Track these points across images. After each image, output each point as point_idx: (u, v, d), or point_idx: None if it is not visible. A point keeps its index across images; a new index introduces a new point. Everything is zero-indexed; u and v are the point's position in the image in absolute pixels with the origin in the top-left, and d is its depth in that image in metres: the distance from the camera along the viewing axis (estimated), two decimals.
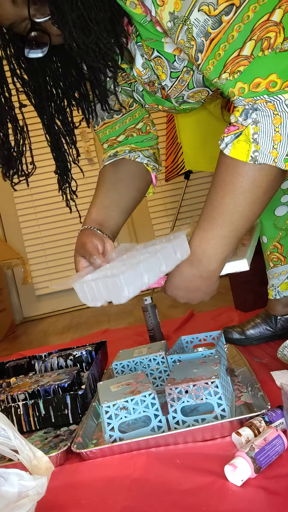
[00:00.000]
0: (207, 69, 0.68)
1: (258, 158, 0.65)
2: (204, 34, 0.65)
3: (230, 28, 0.62)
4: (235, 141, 0.66)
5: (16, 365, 1.26)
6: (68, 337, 2.09)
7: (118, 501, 0.60)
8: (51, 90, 0.87)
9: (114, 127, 0.99)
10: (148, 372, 0.96)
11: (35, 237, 3.10)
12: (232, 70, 0.64)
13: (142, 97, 0.92)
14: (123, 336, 1.68)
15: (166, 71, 0.82)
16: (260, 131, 0.64)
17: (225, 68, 0.65)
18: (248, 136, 0.65)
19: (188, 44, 0.68)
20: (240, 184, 0.68)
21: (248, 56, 0.62)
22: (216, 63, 0.66)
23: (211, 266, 0.76)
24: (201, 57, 0.67)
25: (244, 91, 0.64)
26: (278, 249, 1.11)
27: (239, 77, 0.64)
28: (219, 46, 0.64)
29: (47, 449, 0.81)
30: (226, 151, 0.68)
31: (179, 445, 0.71)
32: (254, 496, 0.55)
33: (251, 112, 0.64)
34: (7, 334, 2.57)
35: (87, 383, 0.95)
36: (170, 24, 0.68)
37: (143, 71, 0.84)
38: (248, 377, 0.87)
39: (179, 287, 0.80)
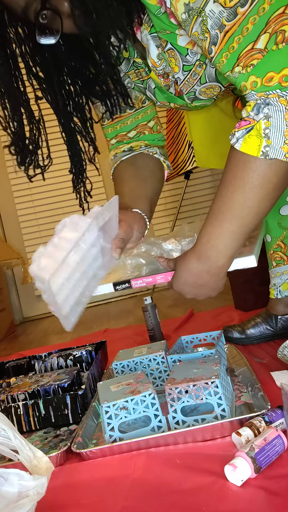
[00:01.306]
0: (220, 62, 0.67)
1: (269, 153, 0.64)
2: (219, 26, 0.64)
3: (245, 21, 0.62)
4: (246, 136, 0.66)
5: (16, 365, 1.26)
6: (68, 337, 2.08)
7: (118, 501, 0.60)
8: (68, 87, 0.86)
9: (126, 122, 0.98)
10: (148, 372, 0.96)
11: (35, 237, 3.10)
12: (245, 64, 0.63)
13: (154, 94, 0.92)
14: (123, 336, 1.68)
15: (179, 64, 0.81)
16: (271, 126, 0.64)
17: (238, 62, 0.64)
18: (260, 131, 0.64)
19: (202, 37, 0.67)
20: (251, 179, 0.67)
21: (262, 49, 0.61)
22: (230, 56, 0.65)
23: (219, 262, 0.76)
24: (214, 50, 0.67)
25: (257, 85, 0.63)
26: (281, 248, 1.11)
27: (252, 71, 0.63)
28: (233, 39, 0.64)
29: (47, 449, 0.81)
30: (237, 146, 0.67)
31: (179, 445, 0.71)
32: (254, 496, 0.55)
33: (263, 106, 0.64)
34: (7, 334, 2.57)
35: (87, 383, 0.95)
36: (185, 16, 0.67)
37: (158, 62, 0.83)
38: (248, 377, 0.87)
39: (186, 282, 0.80)
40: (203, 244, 0.76)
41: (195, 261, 0.77)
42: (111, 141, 1.01)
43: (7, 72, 0.78)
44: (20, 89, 0.81)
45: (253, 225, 0.73)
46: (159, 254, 0.92)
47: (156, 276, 0.84)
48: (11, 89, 0.79)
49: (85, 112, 0.89)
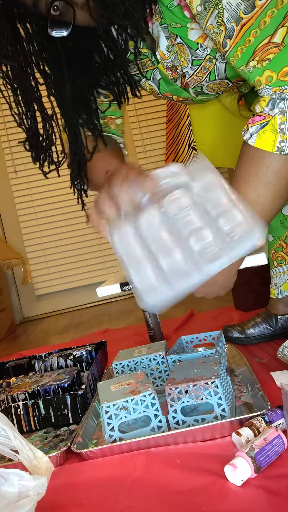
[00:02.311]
0: (235, 56, 0.66)
1: (285, 148, 0.63)
2: (236, 19, 0.63)
3: (263, 14, 0.61)
4: (260, 131, 0.65)
5: (16, 365, 1.26)
6: (68, 337, 2.08)
7: (118, 501, 0.60)
8: (75, 79, 0.85)
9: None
10: (148, 372, 0.96)
11: (35, 237, 3.10)
12: (261, 58, 0.62)
13: (158, 85, 0.91)
14: (123, 336, 1.68)
15: (188, 58, 0.81)
16: (287, 121, 0.63)
17: (254, 56, 0.63)
18: (275, 126, 0.63)
19: (217, 30, 0.66)
20: (264, 175, 0.66)
21: (279, 43, 0.60)
22: (245, 50, 0.64)
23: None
24: (229, 43, 0.66)
25: (272, 79, 0.62)
26: (283, 248, 1.11)
27: (267, 65, 0.62)
28: (249, 32, 0.63)
29: (47, 449, 0.81)
30: (251, 141, 0.66)
31: (179, 445, 0.71)
32: (254, 496, 0.55)
33: (279, 101, 0.63)
34: (7, 334, 2.57)
35: (87, 383, 0.95)
36: (200, 8, 0.66)
37: (167, 54, 0.82)
38: (248, 377, 0.87)
39: None
40: None
41: None
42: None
43: (20, 68, 0.77)
44: (32, 85, 0.80)
45: (266, 222, 0.72)
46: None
47: None
48: (25, 85, 0.79)
49: (91, 104, 0.89)
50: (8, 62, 0.75)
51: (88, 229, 3.09)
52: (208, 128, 1.11)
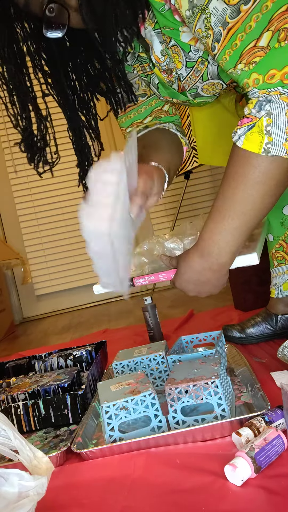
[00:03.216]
0: (223, 59, 0.67)
1: (271, 150, 0.65)
2: (222, 23, 0.65)
3: (248, 18, 0.62)
4: (248, 133, 0.66)
5: (16, 365, 1.26)
6: (68, 337, 2.08)
7: (118, 501, 0.60)
8: (73, 83, 0.87)
9: (139, 110, 0.98)
10: (148, 372, 0.96)
11: (35, 237, 3.10)
12: (248, 61, 0.64)
13: (157, 89, 0.92)
14: (123, 336, 1.68)
15: (182, 60, 0.81)
16: (273, 123, 0.64)
17: (241, 59, 0.64)
18: (261, 128, 0.65)
19: (206, 34, 0.68)
20: (253, 176, 0.68)
21: (264, 47, 0.62)
22: (232, 53, 0.65)
23: (221, 259, 0.76)
24: (217, 47, 0.67)
25: (259, 82, 0.63)
26: (283, 247, 1.11)
27: (254, 68, 0.63)
28: (236, 36, 0.64)
29: (47, 449, 0.81)
30: (239, 143, 0.67)
31: (179, 445, 0.71)
32: (254, 496, 0.55)
33: (265, 104, 0.64)
34: (7, 334, 2.57)
35: (87, 383, 0.95)
36: (189, 13, 0.68)
37: (161, 58, 0.83)
38: (248, 377, 0.87)
39: (189, 280, 0.80)
40: (205, 241, 0.76)
41: (197, 258, 0.77)
42: (126, 130, 1.00)
43: (16, 69, 0.78)
44: (28, 86, 0.81)
45: (255, 222, 0.73)
46: (161, 253, 0.92)
47: (159, 274, 0.84)
48: (20, 86, 0.80)
49: (90, 109, 0.90)
50: (4, 64, 0.77)
51: None
52: (207, 128, 1.11)
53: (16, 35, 0.77)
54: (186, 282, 0.81)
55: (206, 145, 1.13)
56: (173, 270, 0.83)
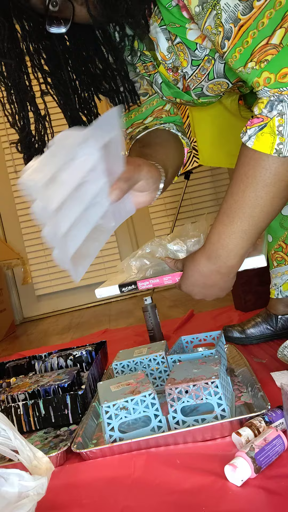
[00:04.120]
0: (233, 57, 0.66)
1: (283, 150, 0.63)
2: (233, 20, 0.63)
3: (261, 15, 0.60)
4: (259, 133, 0.64)
5: (16, 365, 1.26)
6: (68, 337, 2.09)
7: (118, 501, 0.60)
8: (74, 83, 0.86)
9: (140, 110, 0.96)
10: (148, 372, 0.96)
11: (35, 237, 3.10)
12: (259, 59, 0.62)
13: (160, 89, 0.91)
14: (123, 336, 1.68)
15: (188, 58, 0.80)
16: (285, 123, 0.62)
17: (252, 57, 0.63)
18: (273, 128, 0.63)
19: (215, 31, 0.66)
20: (263, 178, 0.66)
21: (277, 45, 0.60)
22: (243, 51, 0.64)
23: (229, 261, 0.75)
24: (227, 45, 0.65)
25: (270, 81, 0.62)
26: (283, 248, 1.11)
27: (266, 67, 0.62)
28: (247, 33, 0.62)
29: (47, 449, 0.81)
30: (249, 143, 0.66)
31: (179, 445, 0.71)
32: (254, 496, 0.55)
33: (277, 103, 0.62)
34: (7, 334, 2.57)
35: (87, 383, 0.95)
36: (198, 9, 0.66)
37: (168, 55, 0.82)
38: (248, 377, 0.87)
39: (196, 283, 0.79)
40: (213, 244, 0.75)
41: (205, 261, 0.76)
42: (126, 131, 0.98)
43: (15, 66, 0.76)
44: (26, 84, 0.79)
45: (264, 224, 0.72)
46: (164, 255, 0.91)
47: (163, 277, 0.83)
48: (19, 84, 0.78)
49: (92, 108, 0.89)
50: (3, 60, 0.75)
51: None
52: (208, 129, 1.11)
53: (16, 33, 0.75)
54: (192, 285, 0.80)
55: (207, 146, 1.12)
56: (178, 273, 0.82)
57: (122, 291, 0.85)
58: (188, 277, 0.79)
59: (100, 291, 0.87)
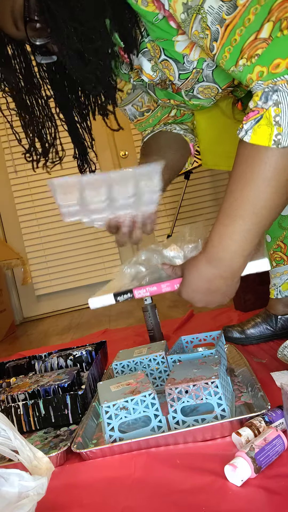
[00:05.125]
0: (224, 58, 0.65)
1: (282, 141, 0.61)
2: (219, 21, 0.63)
3: (246, 12, 0.60)
4: (255, 126, 0.62)
5: (16, 365, 1.26)
6: (68, 337, 2.09)
7: (119, 501, 0.60)
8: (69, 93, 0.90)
9: (147, 121, 1.04)
10: (148, 372, 0.96)
11: (35, 237, 3.10)
12: (250, 55, 0.61)
13: (154, 92, 0.93)
14: (123, 336, 1.68)
15: (174, 73, 0.81)
16: (282, 112, 0.60)
17: (242, 54, 0.62)
18: (270, 119, 0.61)
19: (203, 35, 0.66)
20: (263, 171, 0.64)
21: (266, 38, 0.59)
22: (233, 50, 0.63)
23: (233, 264, 0.71)
24: (216, 46, 0.65)
25: (263, 74, 0.60)
26: (281, 248, 1.11)
27: (257, 61, 0.61)
28: (234, 32, 0.62)
29: (47, 449, 0.81)
30: (246, 138, 0.63)
31: (179, 445, 0.71)
32: (254, 496, 0.55)
33: (272, 94, 0.61)
34: (7, 335, 2.57)
35: (87, 383, 0.95)
36: (184, 16, 0.66)
37: (153, 74, 0.84)
38: (248, 377, 0.87)
39: (197, 289, 0.75)
40: (215, 246, 0.71)
41: (207, 264, 0.73)
42: (142, 133, 1.09)
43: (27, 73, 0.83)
44: (37, 89, 0.85)
45: (268, 222, 0.69)
46: (160, 262, 0.87)
47: (161, 284, 0.79)
48: (31, 88, 0.84)
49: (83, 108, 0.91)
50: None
51: (88, 229, 3.09)
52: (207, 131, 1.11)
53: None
54: (194, 291, 0.76)
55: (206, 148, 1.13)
56: (177, 279, 0.78)
57: (117, 300, 0.81)
58: (189, 283, 0.76)
59: (93, 301, 0.82)
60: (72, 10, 0.68)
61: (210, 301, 0.77)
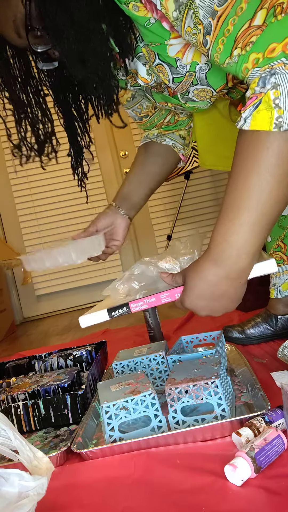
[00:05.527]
0: (217, 50, 0.63)
1: (283, 123, 0.58)
2: (211, 14, 0.62)
3: (238, 1, 0.59)
4: (254, 112, 0.59)
5: (16, 365, 1.26)
6: (69, 337, 2.08)
7: (119, 501, 0.60)
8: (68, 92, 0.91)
9: (146, 125, 1.11)
10: (148, 372, 0.96)
11: (35, 237, 3.10)
12: (244, 43, 0.60)
13: (151, 95, 0.94)
14: (123, 336, 1.68)
15: (168, 77, 0.82)
16: (281, 94, 0.58)
17: (236, 43, 0.60)
18: (269, 102, 0.58)
19: (195, 30, 0.65)
20: (266, 159, 0.60)
21: (260, 25, 0.58)
22: (226, 40, 0.62)
23: (240, 262, 0.66)
24: (209, 39, 0.64)
25: (259, 60, 0.58)
26: (281, 248, 1.11)
27: (252, 48, 0.59)
28: (227, 22, 0.61)
29: (47, 449, 0.81)
30: (246, 126, 0.60)
31: (179, 445, 0.71)
32: (254, 496, 0.55)
33: (269, 77, 0.58)
34: (7, 335, 2.57)
35: (87, 383, 0.95)
36: (176, 14, 0.66)
37: (148, 78, 0.84)
38: (248, 377, 0.87)
39: (201, 295, 0.70)
40: (219, 244, 0.66)
41: (211, 266, 0.67)
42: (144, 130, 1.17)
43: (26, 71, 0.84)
44: (35, 85, 0.85)
45: (275, 214, 0.64)
46: (156, 273, 0.83)
47: (160, 295, 0.74)
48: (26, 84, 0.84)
49: (82, 106, 0.92)
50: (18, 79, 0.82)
51: None
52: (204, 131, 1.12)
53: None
54: (198, 298, 0.70)
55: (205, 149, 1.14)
56: (177, 288, 0.73)
57: (111, 315, 0.76)
58: (192, 289, 0.70)
59: (85, 319, 0.77)
60: (72, 16, 0.69)
61: (215, 308, 0.71)
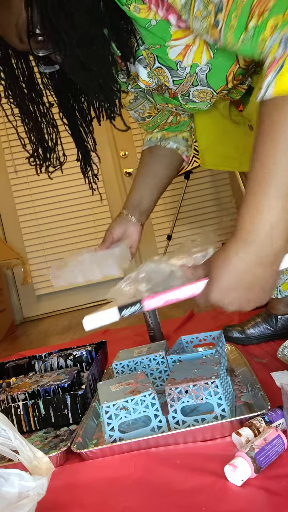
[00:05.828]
0: (231, 28, 0.59)
1: None
2: None
3: None
4: (277, 77, 0.54)
5: (16, 365, 1.26)
6: (68, 337, 2.09)
7: (119, 501, 0.60)
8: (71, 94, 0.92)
9: (148, 126, 1.11)
10: (148, 372, 0.96)
11: (35, 237, 3.11)
12: (260, 11, 0.56)
13: (152, 97, 0.95)
14: (123, 336, 1.68)
15: (168, 79, 0.82)
16: None
17: (252, 13, 0.56)
18: None
19: (205, 13, 0.62)
20: None
21: None
22: (240, 12, 0.58)
23: (273, 244, 0.57)
24: (221, 18, 0.60)
25: (278, 25, 0.54)
26: None
27: (269, 14, 0.55)
28: None
29: (47, 449, 0.81)
30: (268, 93, 0.55)
31: (179, 445, 0.71)
32: (254, 496, 0.55)
33: None
34: (7, 335, 2.57)
35: (87, 383, 0.95)
36: (184, 0, 0.64)
37: (149, 80, 0.85)
38: (248, 377, 0.87)
39: (230, 286, 0.61)
40: (247, 225, 0.58)
41: (240, 251, 0.58)
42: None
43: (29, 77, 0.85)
44: (39, 93, 0.86)
45: None
46: (168, 271, 0.72)
47: (179, 289, 0.65)
48: (30, 92, 0.85)
49: (84, 108, 0.93)
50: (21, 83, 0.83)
51: (88, 229, 3.09)
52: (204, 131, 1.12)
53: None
54: (226, 290, 0.61)
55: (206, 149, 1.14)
56: (199, 282, 0.64)
57: (122, 315, 0.68)
58: (219, 279, 0.61)
59: (89, 320, 0.72)
60: (73, 21, 0.69)
61: (246, 299, 0.62)
